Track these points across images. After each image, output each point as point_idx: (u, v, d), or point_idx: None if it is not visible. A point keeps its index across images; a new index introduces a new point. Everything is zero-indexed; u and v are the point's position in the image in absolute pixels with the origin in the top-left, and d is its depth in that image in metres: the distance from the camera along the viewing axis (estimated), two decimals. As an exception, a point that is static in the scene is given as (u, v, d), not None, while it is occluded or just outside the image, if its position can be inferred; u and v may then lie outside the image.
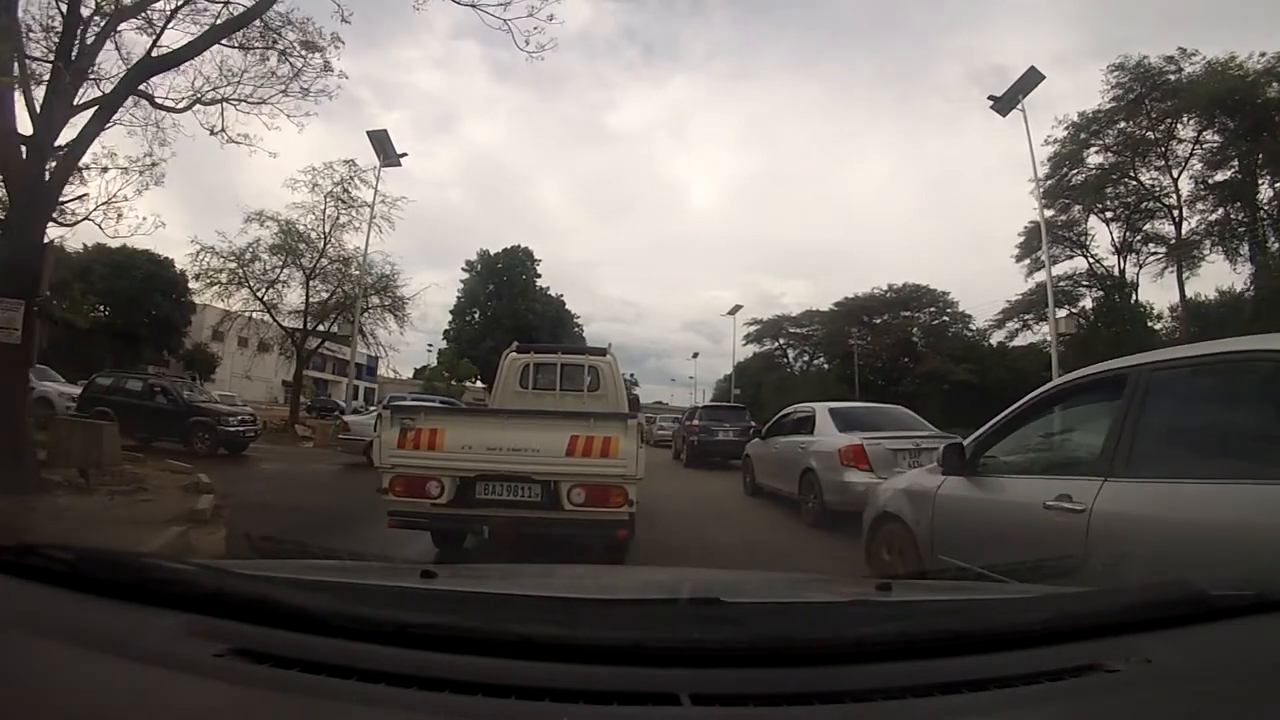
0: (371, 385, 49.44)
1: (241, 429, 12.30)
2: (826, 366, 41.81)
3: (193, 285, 21.19)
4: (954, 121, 78.09)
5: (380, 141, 19.56)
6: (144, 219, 12.28)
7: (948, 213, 77.47)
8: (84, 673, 0.80)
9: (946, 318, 39.48)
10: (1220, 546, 1.84)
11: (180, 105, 8.86)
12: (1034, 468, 2.85)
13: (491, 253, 45.82)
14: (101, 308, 24.25)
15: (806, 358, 45.71)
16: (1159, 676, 0.91)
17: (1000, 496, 2.80)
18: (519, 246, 46.02)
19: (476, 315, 44.49)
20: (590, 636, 0.92)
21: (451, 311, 45.37)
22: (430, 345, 43.60)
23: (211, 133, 9.52)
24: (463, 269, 46.29)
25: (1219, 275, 29.94)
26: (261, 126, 10.97)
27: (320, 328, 21.32)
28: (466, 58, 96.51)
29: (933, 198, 78.22)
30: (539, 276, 46.33)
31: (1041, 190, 19.79)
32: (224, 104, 9.21)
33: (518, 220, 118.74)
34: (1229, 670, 0.94)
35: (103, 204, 9.03)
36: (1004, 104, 16.41)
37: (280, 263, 20.12)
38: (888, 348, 38.48)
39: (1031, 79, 16.09)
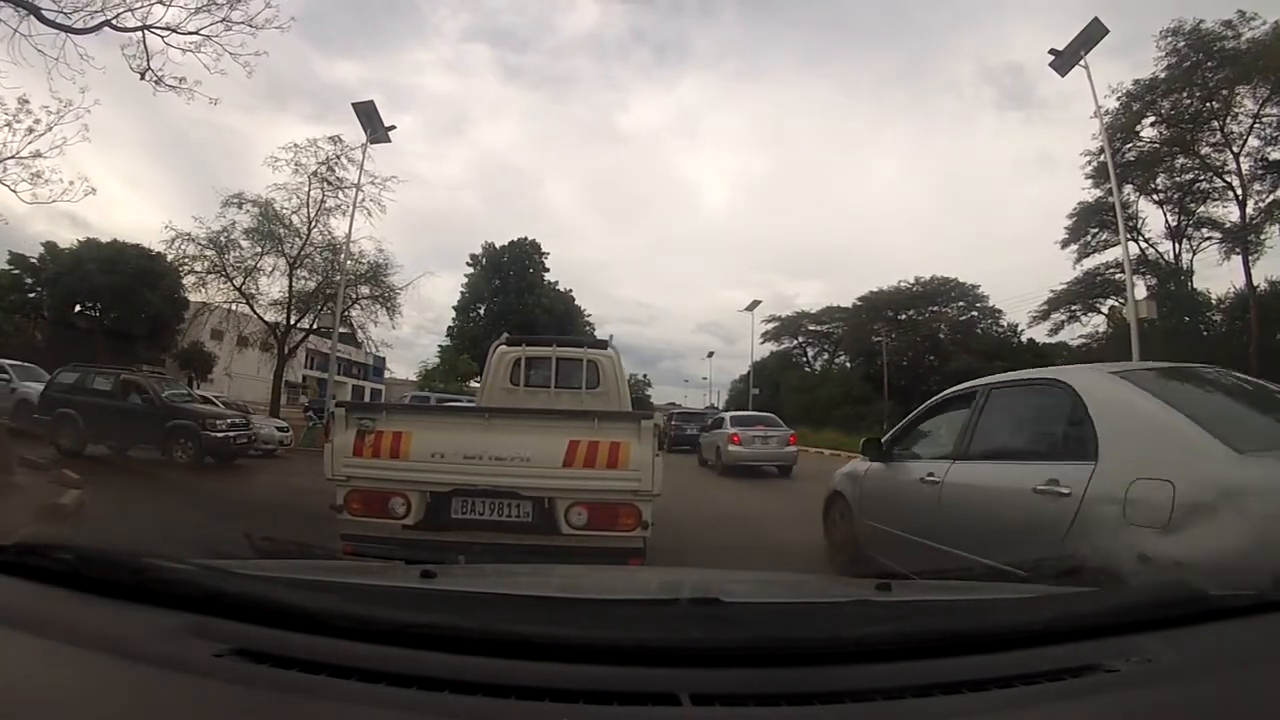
0: (378, 386, 50.03)
1: (231, 434, 11.08)
2: (849, 365, 41.39)
3: (185, 281, 21.40)
4: (968, 119, 78.14)
5: (367, 114, 18.04)
6: (70, 183, 11.00)
7: (962, 211, 78.24)
8: (84, 673, 0.84)
9: (975, 313, 38.95)
10: (1003, 498, 2.95)
11: (77, 24, 7.52)
12: (920, 454, 3.98)
13: (497, 246, 46.06)
14: (92, 305, 24.75)
15: (827, 356, 45.36)
16: (1159, 676, 0.94)
17: (898, 475, 4.01)
18: (525, 239, 46.14)
19: (481, 311, 44.74)
20: (590, 636, 0.96)
21: (455, 308, 45.75)
22: (440, 346, 43.83)
23: (141, 76, 8.21)
24: (467, 263, 46.58)
25: (1271, 264, 28.90)
26: (202, 69, 9.49)
27: (305, 321, 20.75)
28: (476, 60, 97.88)
29: (947, 196, 78.85)
30: (547, 270, 46.49)
31: (1111, 152, 18.98)
32: (145, 32, 7.80)
33: (531, 221, 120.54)
34: (1229, 670, 0.97)
35: (5, 159, 7.89)
36: (1064, 62, 15.45)
37: (259, 249, 19.56)
38: (913, 345, 38.06)
39: (1095, 33, 15.06)
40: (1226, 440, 2.31)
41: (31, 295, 25.08)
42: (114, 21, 7.86)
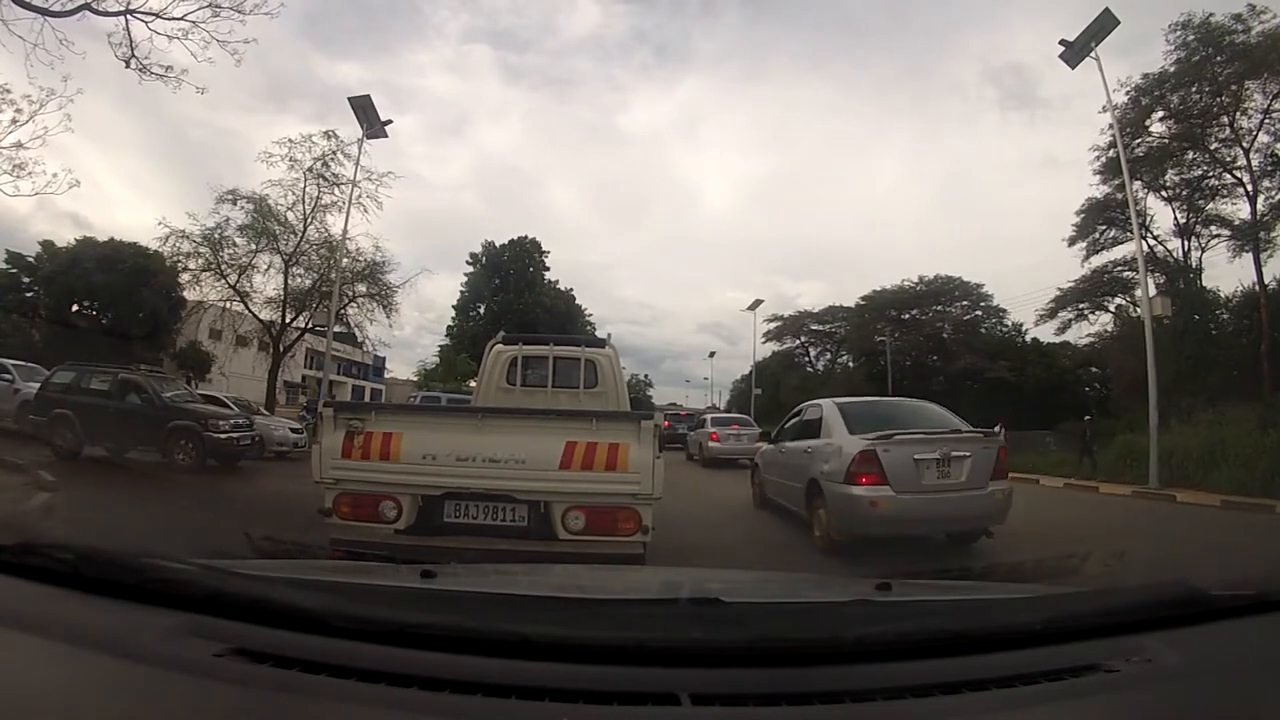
0: (379, 386, 50.11)
1: (234, 436, 10.93)
2: (852, 365, 41.37)
3: (183, 279, 21.49)
4: (970, 119, 78.54)
5: (363, 108, 17.80)
6: (54, 175, 11.52)
7: (966, 211, 78.29)
8: (84, 673, 0.85)
9: (980, 313, 38.84)
10: (795, 456, 6.90)
11: (54, 7, 7.31)
12: (783, 439, 7.63)
13: (497, 244, 46.04)
14: (90, 304, 24.83)
15: (829, 356, 45.30)
16: (1159, 676, 0.95)
17: (774, 450, 7.86)
18: (526, 237, 45.98)
19: (481, 310, 44.73)
20: (590, 636, 0.97)
21: (455, 307, 45.76)
22: (440, 346, 43.92)
23: (126, 64, 8.08)
24: (467, 262, 46.55)
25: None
26: (189, 57, 9.40)
27: (301, 319, 20.74)
28: (478, 61, 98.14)
29: (950, 196, 78.83)
30: (547, 269, 46.39)
31: (1122, 145, 18.78)
32: (128, 18, 7.57)
33: (532, 222, 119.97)
34: (1229, 670, 0.98)
35: None
36: (1074, 53, 15.20)
37: (254, 246, 19.55)
38: (917, 345, 38.00)
39: (1106, 24, 14.87)
40: (851, 429, 5.95)
41: (29, 295, 25.14)
42: (94, 5, 7.68)
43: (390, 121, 18.59)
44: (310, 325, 21.09)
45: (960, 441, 5.75)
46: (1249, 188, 22.64)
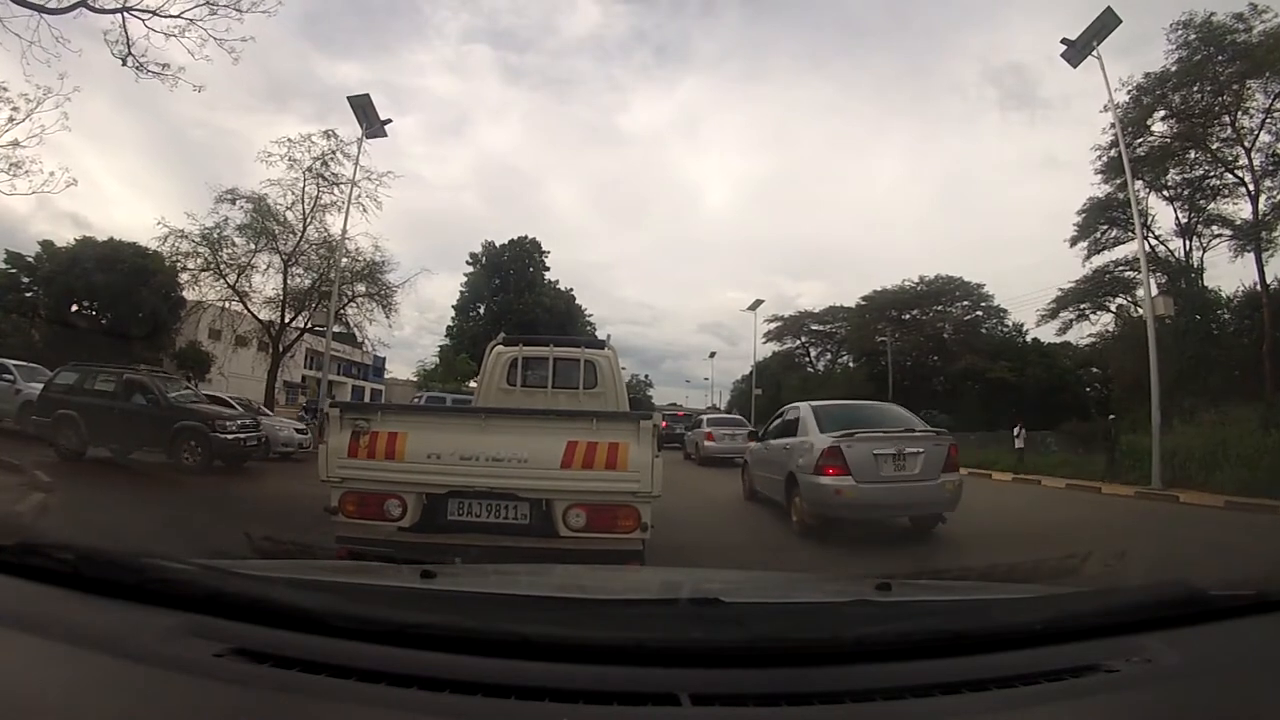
0: (379, 386, 50.12)
1: (242, 436, 10.96)
2: (852, 365, 41.39)
3: (182, 279, 21.50)
4: (970, 119, 78.62)
5: (362, 108, 17.88)
6: (51, 174, 11.08)
7: (966, 212, 78.32)
8: (84, 673, 0.86)
9: (980, 313, 38.83)
10: (776, 452, 7.81)
11: (51, 3, 7.28)
12: (769, 438, 8.44)
13: (497, 244, 46.04)
14: (89, 304, 24.83)
15: (829, 356, 45.27)
16: (1159, 676, 0.95)
17: (762, 446, 8.64)
18: (526, 237, 45.92)
19: (481, 310, 44.74)
20: (590, 636, 0.97)
21: (455, 307, 45.76)
22: (440, 346, 43.91)
23: (123, 62, 8.05)
24: (467, 262, 46.54)
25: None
26: (186, 55, 9.44)
27: (300, 319, 20.73)
28: (478, 61, 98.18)
29: (950, 196, 78.87)
30: (548, 269, 46.34)
31: (1124, 143, 18.80)
32: (125, 15, 7.58)
33: (533, 223, 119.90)
34: (1229, 670, 0.98)
35: None
36: (1076, 52, 15.24)
37: (253, 246, 19.55)
38: (918, 345, 37.99)
39: (1107, 23, 14.91)
40: (822, 428, 6.86)
41: (29, 295, 25.12)
42: (91, 2, 7.66)
43: (390, 121, 18.69)
44: (310, 325, 21.05)
45: (914, 440, 6.63)
46: (1250, 187, 22.62)
